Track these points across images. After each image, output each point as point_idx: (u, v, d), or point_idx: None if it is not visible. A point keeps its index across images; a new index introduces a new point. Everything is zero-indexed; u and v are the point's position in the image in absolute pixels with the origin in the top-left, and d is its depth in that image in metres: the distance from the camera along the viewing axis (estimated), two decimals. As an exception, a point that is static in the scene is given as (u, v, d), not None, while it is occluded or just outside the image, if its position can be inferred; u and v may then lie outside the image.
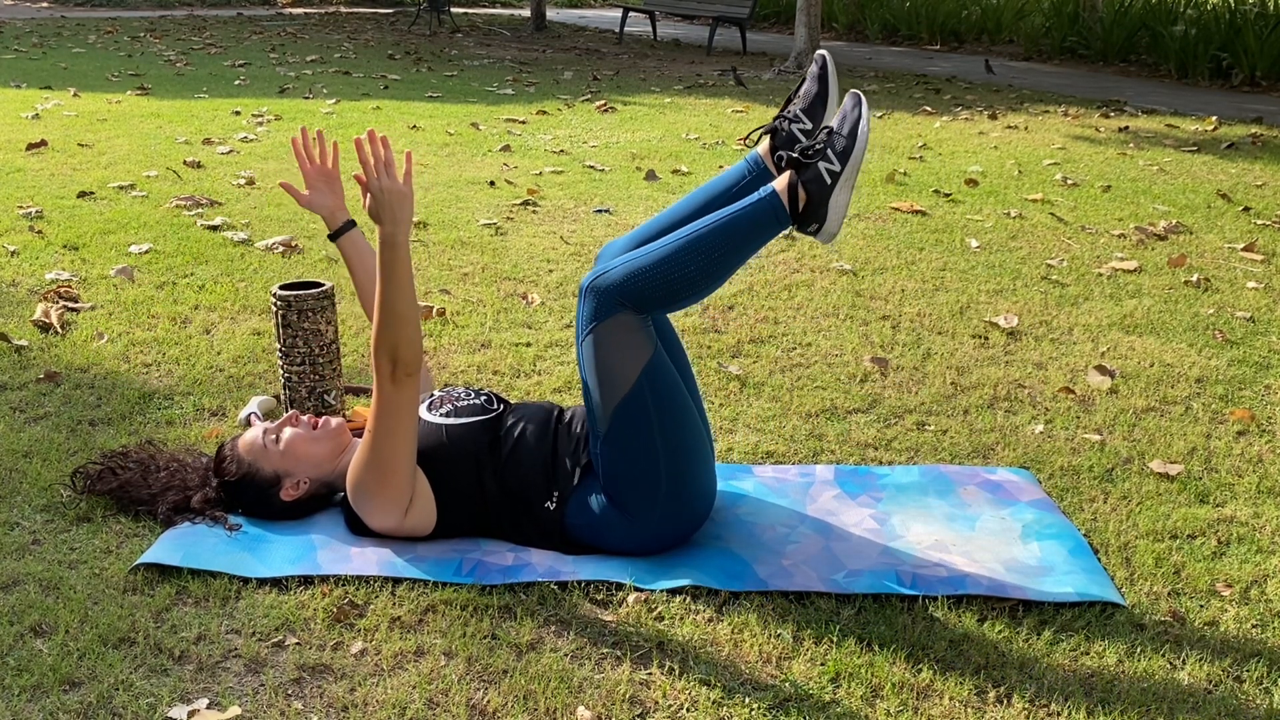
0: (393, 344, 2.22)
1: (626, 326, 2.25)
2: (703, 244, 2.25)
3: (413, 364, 2.24)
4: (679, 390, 2.31)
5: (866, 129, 2.25)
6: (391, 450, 2.27)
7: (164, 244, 4.61)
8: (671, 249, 2.26)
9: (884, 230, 5.14)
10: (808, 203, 2.27)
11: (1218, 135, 8.06)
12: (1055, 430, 3.07)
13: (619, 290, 2.25)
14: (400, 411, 2.25)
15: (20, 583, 2.25)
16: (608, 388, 2.26)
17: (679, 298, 2.26)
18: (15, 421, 2.98)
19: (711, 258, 2.25)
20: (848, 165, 2.25)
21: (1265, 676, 2.05)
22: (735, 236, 2.26)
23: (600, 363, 2.26)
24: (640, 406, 2.26)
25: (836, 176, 2.25)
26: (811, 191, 2.26)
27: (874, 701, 1.95)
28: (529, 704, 1.93)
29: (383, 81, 10.05)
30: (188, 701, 1.92)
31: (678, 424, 2.29)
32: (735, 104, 9.19)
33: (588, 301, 2.27)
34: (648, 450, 2.27)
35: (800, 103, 2.46)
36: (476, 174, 6.18)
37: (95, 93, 8.86)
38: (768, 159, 2.47)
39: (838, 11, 16.83)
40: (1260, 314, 4.07)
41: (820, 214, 2.27)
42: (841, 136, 2.26)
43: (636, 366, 2.26)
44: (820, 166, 2.26)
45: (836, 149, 2.25)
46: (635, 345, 2.26)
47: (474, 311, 3.93)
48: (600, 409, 2.28)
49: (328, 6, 19.94)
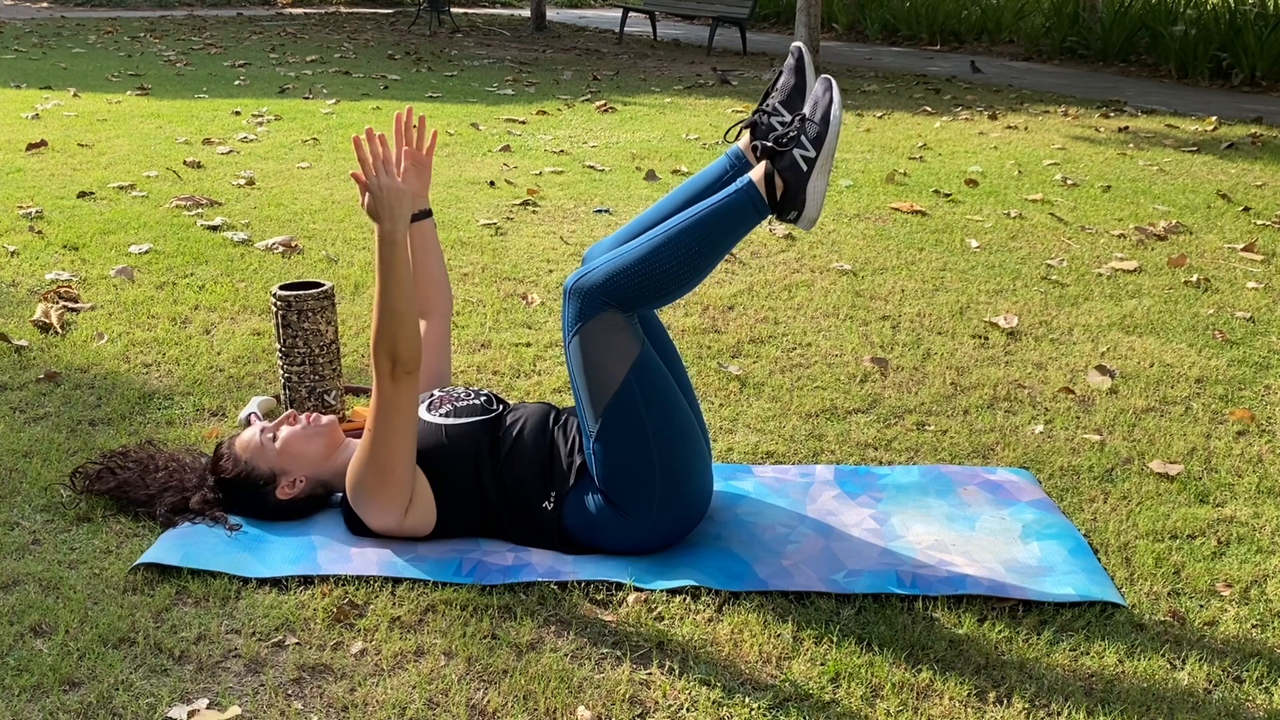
0: (392, 342, 2.23)
1: (612, 325, 2.26)
2: (683, 239, 2.26)
3: (412, 362, 2.24)
4: (669, 387, 2.31)
5: (839, 113, 2.25)
6: (391, 449, 2.27)
7: (164, 244, 4.61)
8: (652, 245, 2.26)
9: (884, 230, 5.14)
10: (785, 190, 2.28)
11: (1218, 135, 8.06)
12: (1055, 430, 3.07)
13: (601, 289, 2.25)
14: (400, 410, 2.25)
15: (20, 583, 2.25)
16: (596, 387, 2.27)
17: (662, 293, 2.27)
18: (15, 421, 2.98)
19: (692, 251, 2.25)
20: (822, 150, 2.25)
21: (1265, 676, 2.05)
22: (715, 229, 2.27)
23: (588, 362, 2.27)
24: (630, 404, 2.26)
25: (812, 163, 2.26)
26: (788, 179, 2.27)
27: (874, 701, 1.95)
28: (529, 704, 1.93)
29: (383, 81, 10.05)
30: (188, 701, 1.92)
31: (669, 420, 2.29)
32: (735, 104, 9.20)
33: (572, 303, 2.27)
34: (640, 448, 2.27)
35: (778, 95, 2.47)
36: (476, 174, 6.18)
37: (95, 93, 8.86)
38: (749, 153, 2.47)
39: (838, 11, 16.83)
40: (1260, 314, 4.07)
41: (799, 201, 2.28)
42: (814, 123, 2.27)
43: (624, 365, 2.26)
44: (795, 154, 2.27)
45: (810, 135, 2.26)
46: (622, 343, 2.26)
47: (474, 312, 3.93)
48: (590, 408, 2.28)
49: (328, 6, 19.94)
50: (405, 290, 2.23)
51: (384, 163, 2.24)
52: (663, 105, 9.05)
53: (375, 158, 2.22)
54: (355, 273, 4.29)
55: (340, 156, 6.58)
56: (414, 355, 2.24)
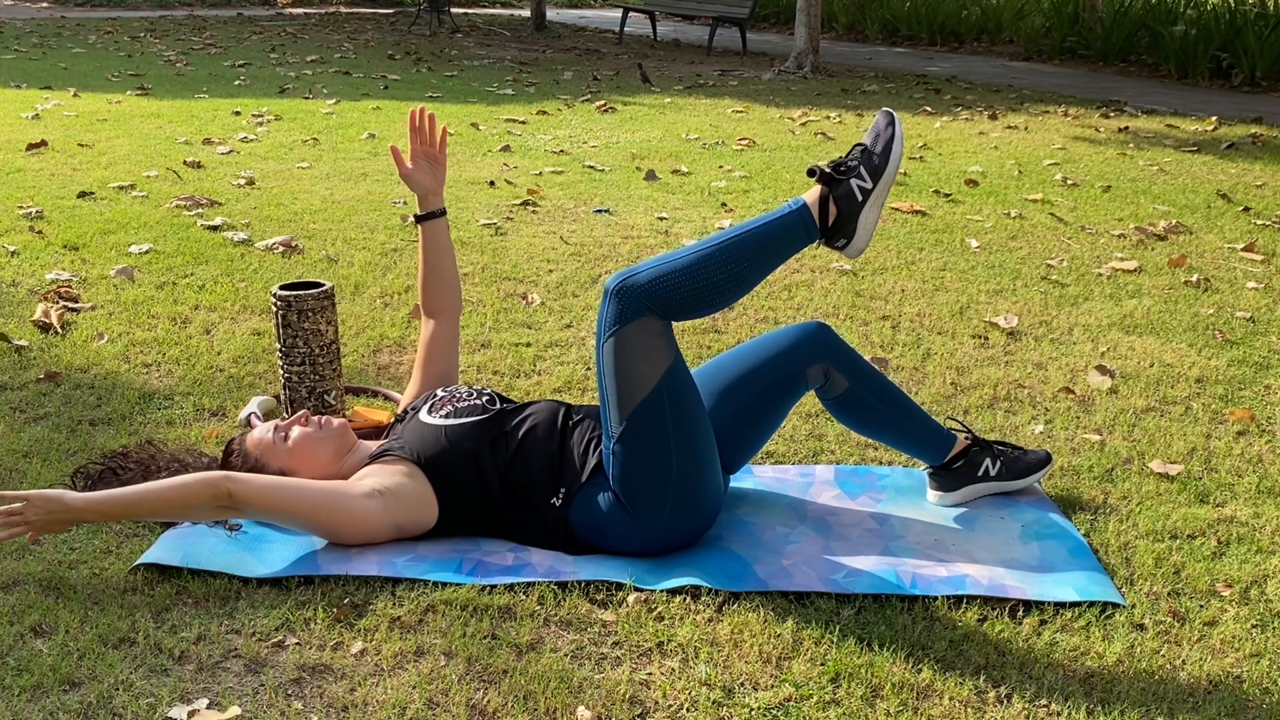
0: (195, 515, 2.26)
1: (650, 331, 2.27)
2: (732, 252, 2.28)
3: (226, 497, 2.24)
4: (697, 400, 2.32)
5: (900, 148, 2.31)
6: (311, 513, 2.29)
7: (164, 244, 4.61)
8: (700, 256, 2.28)
9: (884, 230, 5.14)
10: (838, 217, 2.31)
11: (1218, 135, 8.06)
12: (1055, 430, 3.07)
13: (646, 293, 2.26)
14: (276, 510, 2.27)
15: (20, 583, 2.25)
16: (626, 390, 2.27)
17: (704, 305, 2.29)
18: (15, 421, 2.98)
19: (740, 266, 2.28)
20: (880, 183, 2.31)
21: (1265, 676, 2.05)
22: (764, 247, 2.30)
23: (620, 364, 2.27)
24: (658, 411, 2.27)
25: (868, 193, 2.31)
26: (842, 207, 2.31)
27: (874, 701, 1.95)
28: (529, 704, 1.93)
29: (383, 81, 10.05)
30: (188, 701, 1.92)
31: (694, 432, 2.30)
32: (735, 104, 9.20)
33: (613, 303, 2.27)
34: (661, 454, 2.27)
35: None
36: (476, 174, 6.18)
37: (95, 93, 8.86)
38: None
39: (838, 11, 16.83)
40: (1260, 314, 4.07)
41: (849, 230, 2.32)
42: (875, 155, 2.31)
43: (657, 371, 2.27)
44: (852, 183, 2.31)
45: (869, 166, 2.30)
46: (657, 350, 2.27)
47: (474, 311, 3.93)
48: (616, 409, 2.29)
49: (328, 6, 19.93)
50: (150, 506, 2.23)
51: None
52: (663, 105, 9.05)
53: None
54: (355, 273, 4.29)
55: (340, 156, 6.58)
56: (218, 497, 2.23)
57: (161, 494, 2.22)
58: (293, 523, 2.29)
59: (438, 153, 2.74)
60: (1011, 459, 2.65)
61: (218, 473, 2.26)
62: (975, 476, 2.62)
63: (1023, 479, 2.64)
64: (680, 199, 5.69)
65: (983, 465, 2.62)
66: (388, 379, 3.35)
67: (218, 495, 2.22)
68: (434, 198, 2.75)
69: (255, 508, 2.25)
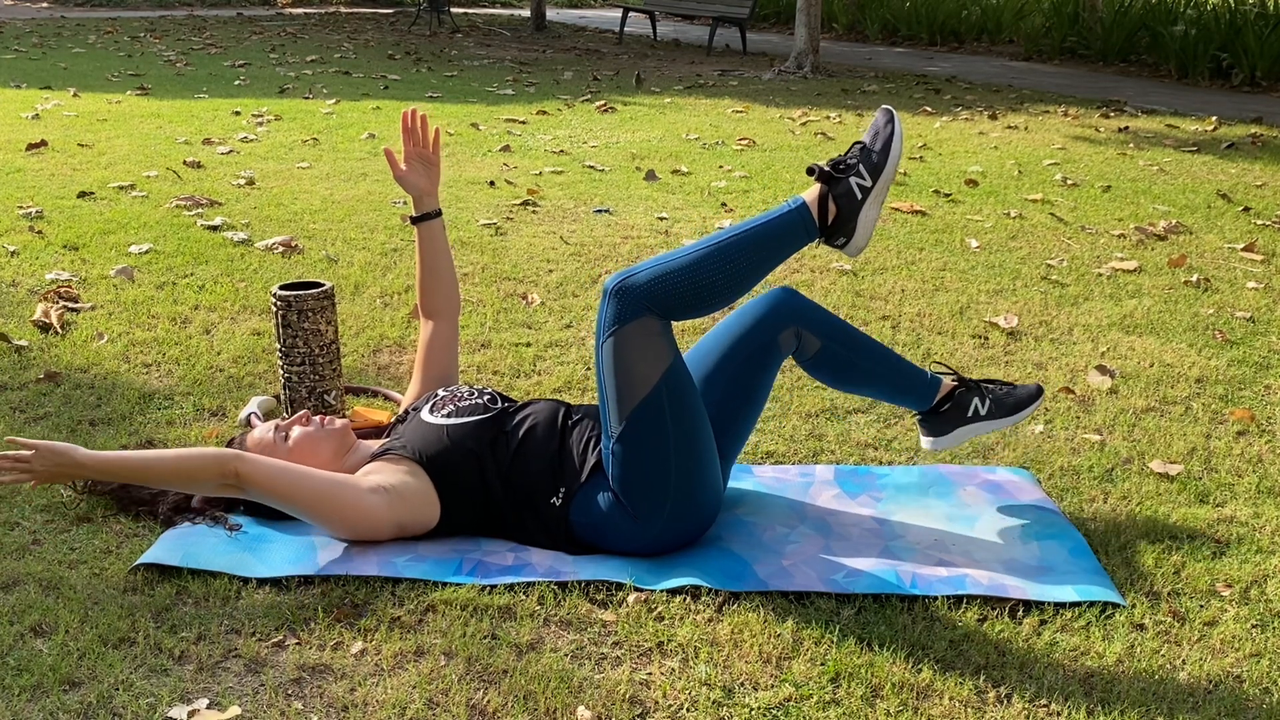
0: (202, 486, 2.26)
1: (649, 331, 2.26)
2: (731, 251, 2.28)
3: (234, 475, 2.24)
4: (697, 400, 2.31)
5: (900, 146, 2.30)
6: (315, 502, 2.29)
7: (164, 244, 4.61)
8: (699, 255, 2.28)
9: (884, 230, 5.14)
10: (837, 216, 2.31)
11: (1218, 135, 8.06)
12: (1055, 430, 3.07)
13: (645, 293, 2.25)
14: (281, 494, 2.26)
15: (20, 583, 2.25)
16: (625, 389, 2.27)
17: (703, 305, 2.29)
18: (15, 421, 2.98)
19: (739, 265, 2.28)
20: (879, 181, 2.30)
21: (1265, 676, 2.05)
22: (763, 246, 2.29)
23: (620, 364, 2.27)
24: (657, 411, 2.27)
25: (867, 191, 2.31)
26: (841, 205, 2.31)
27: (874, 701, 1.95)
28: (529, 704, 1.93)
29: (383, 81, 10.05)
30: (188, 701, 1.92)
31: (694, 432, 2.29)
32: (735, 104, 9.20)
33: (613, 303, 2.27)
34: (660, 454, 2.27)
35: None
36: (476, 174, 6.18)
37: (95, 93, 8.86)
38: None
39: (838, 11, 16.83)
40: (1260, 314, 4.07)
41: (849, 228, 2.32)
42: (874, 152, 2.31)
43: (656, 371, 2.26)
44: (851, 181, 2.31)
45: (868, 164, 2.30)
46: (656, 350, 2.27)
47: (474, 311, 3.93)
48: (616, 410, 2.28)
49: (328, 6, 19.94)
50: (157, 473, 2.24)
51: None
52: (663, 105, 9.05)
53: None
54: (355, 273, 4.29)
55: (340, 156, 6.58)
56: (225, 475, 2.24)
57: (169, 463, 2.23)
58: (295, 509, 2.29)
59: (431, 154, 2.75)
60: (1000, 396, 2.58)
61: (229, 450, 2.27)
62: (965, 418, 2.57)
63: (1015, 415, 2.58)
64: (680, 199, 5.69)
65: (971, 405, 2.56)
66: (388, 379, 3.35)
67: (225, 473, 2.23)
68: (429, 199, 2.75)
69: (260, 489, 2.25)
